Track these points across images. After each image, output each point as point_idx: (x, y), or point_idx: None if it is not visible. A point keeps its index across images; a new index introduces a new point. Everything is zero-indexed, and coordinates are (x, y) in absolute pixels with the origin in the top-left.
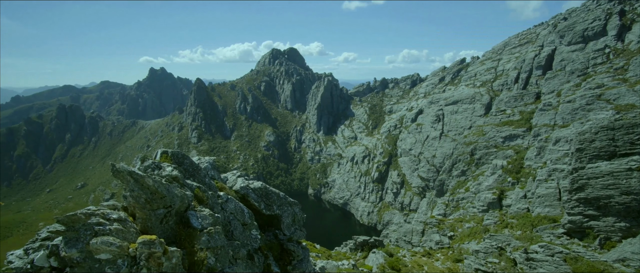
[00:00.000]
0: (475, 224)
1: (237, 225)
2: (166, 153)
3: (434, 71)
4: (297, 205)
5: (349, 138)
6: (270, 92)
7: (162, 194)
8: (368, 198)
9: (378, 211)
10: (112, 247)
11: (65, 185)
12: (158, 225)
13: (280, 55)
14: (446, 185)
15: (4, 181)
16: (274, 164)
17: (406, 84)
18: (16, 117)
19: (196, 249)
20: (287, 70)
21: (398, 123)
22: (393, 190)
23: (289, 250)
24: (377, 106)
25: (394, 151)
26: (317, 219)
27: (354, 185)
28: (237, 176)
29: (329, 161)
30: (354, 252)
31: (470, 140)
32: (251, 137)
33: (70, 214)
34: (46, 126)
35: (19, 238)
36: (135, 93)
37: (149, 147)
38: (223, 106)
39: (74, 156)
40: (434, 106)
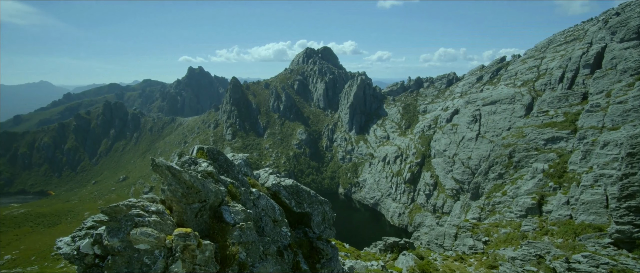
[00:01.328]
0: (512, 230)
1: (268, 221)
2: (202, 149)
3: (472, 69)
4: (327, 204)
5: (381, 137)
6: (303, 91)
7: (198, 189)
8: (399, 199)
9: (409, 212)
10: (150, 238)
11: (108, 177)
12: (193, 218)
13: (314, 54)
14: (482, 188)
15: (55, 173)
16: (305, 163)
17: (442, 84)
18: (67, 113)
19: (228, 243)
20: (320, 69)
21: (432, 123)
22: (425, 192)
23: (318, 248)
24: (411, 106)
25: (428, 152)
26: (346, 218)
27: (385, 185)
28: (269, 174)
29: (360, 160)
30: (384, 253)
31: (508, 142)
32: (283, 135)
33: (113, 205)
34: (93, 122)
35: (67, 226)
36: (175, 91)
37: (186, 143)
38: (257, 104)
39: (117, 151)
40: (471, 106)
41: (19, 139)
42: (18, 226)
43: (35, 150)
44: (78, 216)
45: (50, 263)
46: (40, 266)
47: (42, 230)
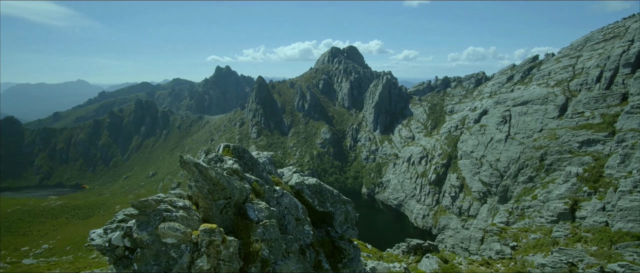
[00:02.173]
0: (542, 235)
1: (290, 219)
2: (228, 146)
3: (502, 69)
4: (350, 204)
5: (406, 137)
6: (327, 91)
7: (223, 185)
8: (423, 200)
9: (434, 214)
10: (177, 232)
11: (139, 172)
12: (218, 214)
13: (339, 53)
14: (510, 191)
15: (90, 167)
16: (329, 162)
17: (470, 83)
18: (102, 110)
19: (252, 240)
20: (346, 68)
21: (459, 123)
22: (451, 194)
23: (340, 248)
24: (438, 106)
25: (454, 153)
26: (369, 219)
27: (410, 186)
28: (293, 172)
29: (384, 160)
30: (407, 255)
31: (540, 144)
32: (307, 134)
33: (142, 200)
34: (125, 119)
35: (99, 219)
36: (202, 90)
37: (212, 141)
38: (282, 103)
39: (147, 147)
40: (501, 106)
41: (58, 135)
42: (55, 218)
43: (71, 146)
44: (110, 209)
45: (83, 254)
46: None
47: (77, 222)
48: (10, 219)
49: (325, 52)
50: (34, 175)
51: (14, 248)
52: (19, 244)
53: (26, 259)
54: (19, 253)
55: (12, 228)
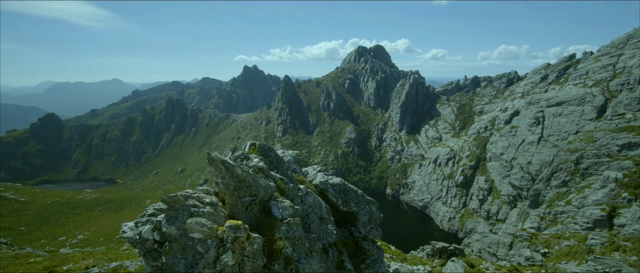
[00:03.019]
0: (576, 243)
1: (314, 218)
2: (254, 145)
3: (536, 68)
4: (374, 204)
5: (433, 138)
6: (353, 90)
7: (249, 183)
8: (450, 202)
9: (460, 217)
10: (204, 227)
11: (168, 169)
12: (243, 211)
13: (366, 53)
14: (542, 195)
15: (123, 163)
16: (354, 162)
17: (501, 83)
18: (135, 108)
19: (276, 238)
20: (372, 67)
21: (489, 124)
22: (479, 197)
23: (363, 248)
24: (466, 106)
25: (483, 155)
26: (393, 220)
27: (436, 187)
28: (317, 171)
29: (410, 161)
30: (431, 258)
31: (576, 147)
32: (333, 133)
33: (171, 195)
34: (157, 117)
35: (131, 212)
36: (230, 89)
37: (239, 139)
38: (308, 102)
39: (177, 144)
40: (533, 107)
41: (94, 131)
42: (90, 210)
43: (106, 141)
44: (140, 203)
45: (115, 245)
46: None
47: (110, 215)
48: (49, 210)
49: (351, 52)
50: (72, 169)
51: (52, 237)
52: (57, 234)
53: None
54: (57, 242)
55: (51, 218)
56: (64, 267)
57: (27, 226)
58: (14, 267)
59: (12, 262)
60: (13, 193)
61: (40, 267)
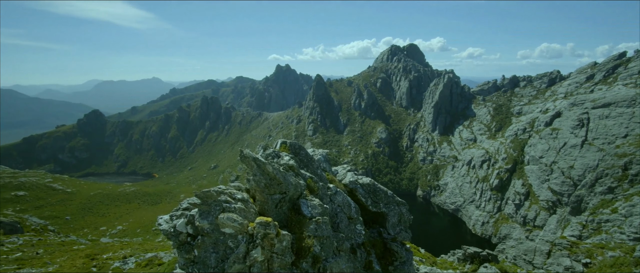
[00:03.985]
0: (622, 254)
1: (343, 217)
2: (285, 143)
3: (581, 67)
4: (404, 205)
5: (467, 139)
6: (385, 89)
7: (279, 181)
8: (484, 206)
9: (494, 222)
10: (235, 223)
11: (202, 165)
12: (273, 208)
13: (399, 51)
14: (585, 202)
15: (160, 158)
16: (384, 162)
17: (542, 83)
18: (172, 106)
19: (304, 236)
20: (405, 67)
21: (528, 126)
22: (515, 201)
23: (392, 250)
24: (504, 107)
25: (520, 158)
26: (424, 222)
27: (469, 190)
28: (347, 170)
29: (442, 162)
30: (462, 263)
31: (624, 151)
32: (363, 133)
33: (205, 190)
34: (192, 114)
35: (166, 206)
36: (263, 87)
37: (270, 137)
38: (339, 101)
39: (210, 141)
40: (577, 108)
41: (134, 127)
42: (128, 202)
43: (145, 137)
44: (175, 197)
45: (150, 237)
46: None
47: (147, 207)
48: (92, 201)
49: (384, 51)
50: (113, 163)
51: (94, 227)
52: (98, 224)
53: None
54: (98, 232)
55: (93, 209)
56: (104, 255)
57: (72, 215)
58: (60, 254)
59: (59, 249)
60: (61, 184)
61: (83, 254)
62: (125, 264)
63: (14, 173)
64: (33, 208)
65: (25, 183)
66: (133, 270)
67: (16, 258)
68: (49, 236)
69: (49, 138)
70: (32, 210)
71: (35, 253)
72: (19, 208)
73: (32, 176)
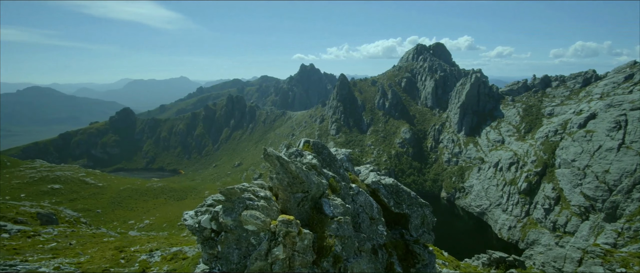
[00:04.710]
0: None
1: (365, 218)
2: (308, 142)
3: (619, 66)
4: (428, 207)
5: (495, 141)
6: (410, 89)
7: (302, 179)
8: (511, 210)
9: (522, 227)
10: (257, 220)
11: (226, 162)
12: (295, 207)
13: (425, 51)
14: (621, 208)
15: (186, 155)
16: (407, 162)
17: (576, 83)
18: (199, 104)
19: (326, 235)
20: (431, 66)
21: (560, 127)
22: (544, 206)
23: (414, 252)
24: (534, 107)
25: (551, 161)
26: (447, 225)
27: (495, 193)
28: (370, 171)
29: (467, 164)
30: (487, 267)
31: None
32: (387, 133)
33: (229, 187)
34: (218, 113)
35: (191, 201)
36: (287, 87)
37: (293, 135)
38: (362, 101)
39: (235, 139)
40: (614, 109)
41: (162, 125)
42: (156, 197)
43: (172, 135)
44: (200, 194)
45: (176, 231)
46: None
47: (173, 203)
48: (122, 195)
49: (409, 50)
50: (142, 159)
51: (123, 220)
52: (127, 217)
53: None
54: (127, 225)
55: (123, 203)
56: (132, 248)
57: (103, 209)
58: (91, 245)
59: (90, 240)
60: (93, 178)
61: (113, 246)
62: (152, 257)
63: (51, 167)
64: (67, 200)
65: (60, 177)
66: (158, 263)
67: (51, 248)
68: (82, 228)
69: (83, 134)
70: (66, 203)
71: (69, 243)
72: (55, 200)
73: (67, 170)
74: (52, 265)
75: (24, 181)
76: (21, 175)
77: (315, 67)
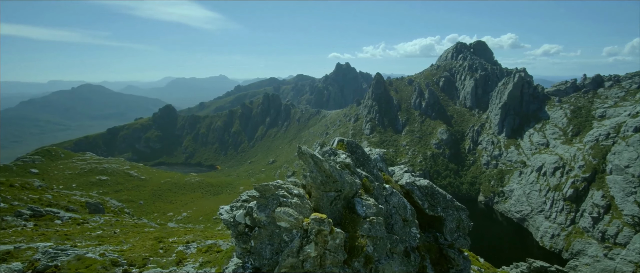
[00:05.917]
0: None
1: (397, 219)
2: (342, 141)
3: None
4: (464, 211)
5: (538, 144)
6: (448, 89)
7: (335, 178)
8: (554, 217)
9: (566, 236)
10: (290, 217)
11: (261, 159)
12: (328, 206)
13: (465, 49)
14: None
15: (222, 151)
16: (443, 164)
17: (632, 83)
18: (236, 102)
19: (358, 235)
20: (471, 65)
21: (612, 131)
22: (592, 214)
23: (448, 256)
24: (583, 109)
25: (601, 167)
26: (484, 230)
27: (538, 199)
28: (404, 171)
29: (508, 167)
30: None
31: None
32: (422, 133)
33: (264, 184)
34: (254, 110)
35: (227, 196)
36: (322, 85)
37: (327, 134)
38: (398, 100)
39: (270, 137)
40: None
41: (201, 121)
42: (193, 191)
43: (210, 131)
44: (235, 189)
45: (211, 225)
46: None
47: (209, 197)
48: (162, 188)
49: (449, 48)
50: (182, 154)
51: (162, 212)
52: (166, 210)
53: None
54: (166, 217)
55: (163, 196)
56: (170, 239)
57: (145, 200)
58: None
59: (132, 230)
60: (136, 171)
61: (152, 236)
62: (188, 248)
63: (99, 160)
64: (113, 191)
65: (107, 169)
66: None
67: (98, 236)
68: (125, 218)
69: (129, 129)
70: (112, 193)
71: (113, 232)
72: (102, 190)
73: (114, 163)
74: (97, 251)
75: (75, 172)
76: (73, 166)
77: (350, 66)
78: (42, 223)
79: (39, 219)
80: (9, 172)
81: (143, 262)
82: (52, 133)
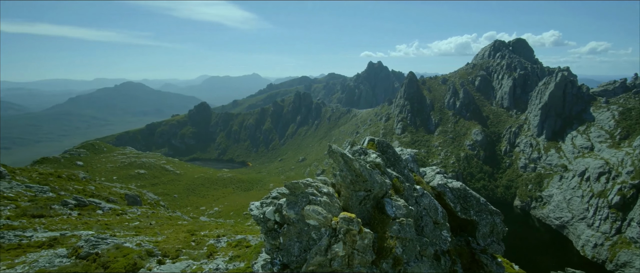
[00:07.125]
0: None
1: (428, 221)
2: (373, 140)
3: None
4: (498, 215)
5: (582, 147)
6: (484, 88)
7: (365, 178)
8: (598, 226)
9: (611, 246)
10: (319, 216)
11: (291, 157)
12: (357, 205)
13: (503, 47)
14: None
15: (254, 148)
16: (477, 166)
17: None
18: (268, 100)
19: (387, 236)
20: (509, 64)
21: None
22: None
23: (480, 261)
24: (634, 111)
25: None
26: (520, 236)
27: (580, 206)
28: (436, 173)
29: (547, 171)
30: None
31: None
32: (456, 134)
33: (294, 182)
34: (285, 109)
35: (257, 193)
36: (353, 84)
37: (357, 133)
38: (431, 100)
39: (300, 135)
40: None
41: (234, 119)
42: (225, 187)
43: (242, 128)
44: (265, 186)
45: (241, 220)
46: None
47: (240, 193)
48: (196, 183)
49: (486, 46)
50: (215, 150)
51: (195, 206)
52: (199, 204)
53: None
54: (198, 211)
55: (196, 190)
56: (202, 232)
57: (179, 194)
58: (167, 227)
59: (167, 222)
60: (172, 166)
61: (185, 229)
62: (218, 242)
63: (138, 154)
64: (150, 184)
65: (145, 163)
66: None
67: (135, 226)
68: (160, 211)
69: (166, 125)
70: (149, 187)
71: (149, 223)
72: (140, 183)
73: (151, 157)
74: (134, 241)
75: (116, 165)
76: (114, 160)
77: (383, 65)
78: (86, 213)
79: (83, 209)
80: (58, 163)
81: (176, 254)
82: (96, 128)
